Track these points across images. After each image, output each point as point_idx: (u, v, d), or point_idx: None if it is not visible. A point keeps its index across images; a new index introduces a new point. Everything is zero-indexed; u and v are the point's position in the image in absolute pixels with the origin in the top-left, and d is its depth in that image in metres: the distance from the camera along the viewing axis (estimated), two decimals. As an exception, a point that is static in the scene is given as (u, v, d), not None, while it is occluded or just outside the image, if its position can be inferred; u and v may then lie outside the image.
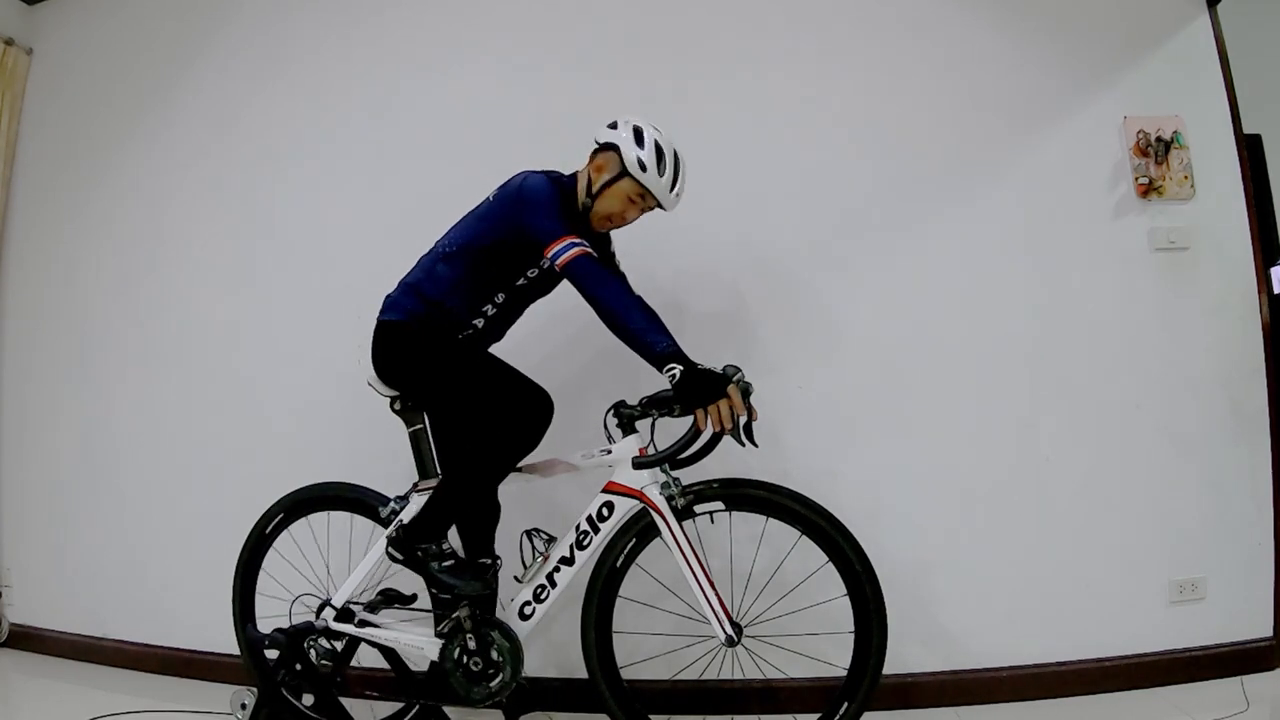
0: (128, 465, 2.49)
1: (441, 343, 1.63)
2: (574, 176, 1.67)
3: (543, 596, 1.61)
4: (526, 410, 1.55)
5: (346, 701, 1.79)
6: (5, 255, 2.76)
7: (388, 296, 1.70)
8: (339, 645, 1.75)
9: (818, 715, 1.59)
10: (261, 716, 1.72)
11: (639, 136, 1.58)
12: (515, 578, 1.66)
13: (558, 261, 1.50)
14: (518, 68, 2.27)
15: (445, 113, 2.30)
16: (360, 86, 2.39)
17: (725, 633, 1.52)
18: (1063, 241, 2.04)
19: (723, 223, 2.11)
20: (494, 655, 1.59)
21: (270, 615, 1.85)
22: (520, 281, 1.68)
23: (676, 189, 1.60)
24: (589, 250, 1.50)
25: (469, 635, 1.59)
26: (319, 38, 2.46)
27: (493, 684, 1.59)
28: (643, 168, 1.56)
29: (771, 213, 2.11)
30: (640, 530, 1.61)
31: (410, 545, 1.61)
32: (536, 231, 1.52)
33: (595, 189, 1.61)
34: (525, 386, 1.59)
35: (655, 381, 1.48)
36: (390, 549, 1.64)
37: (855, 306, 2.06)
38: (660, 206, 1.63)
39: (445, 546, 1.62)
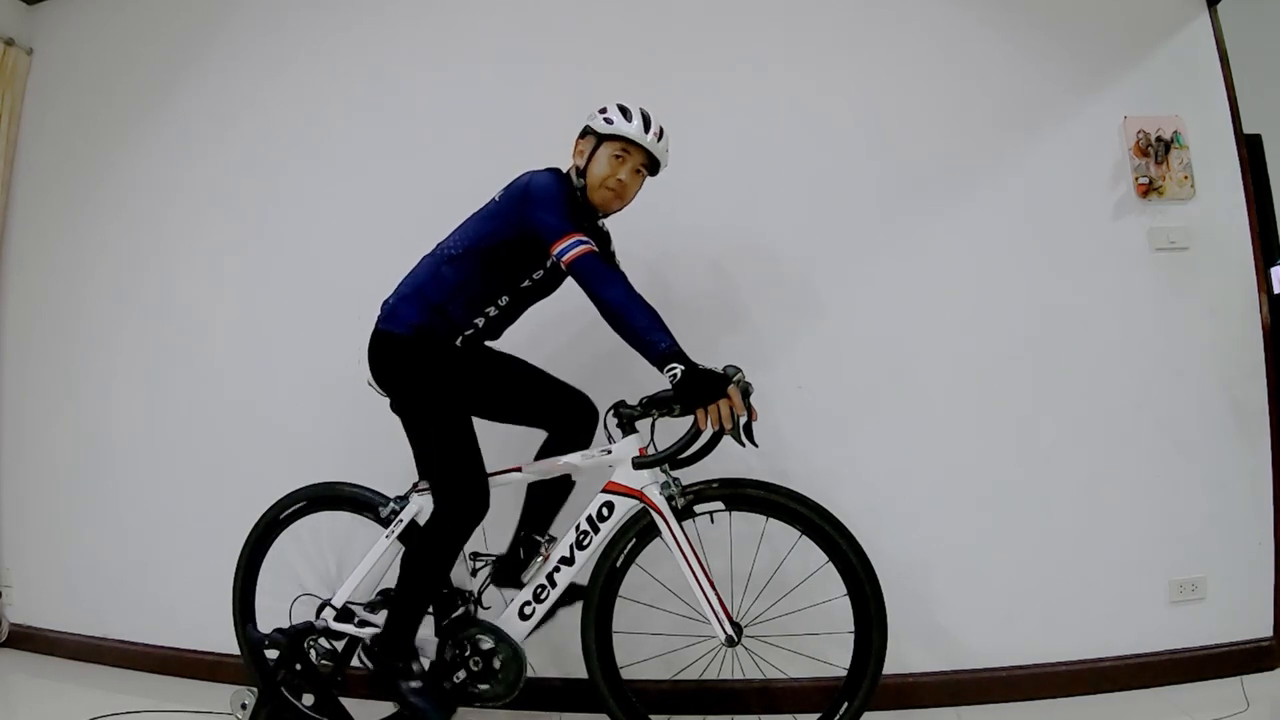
0: (128, 465, 2.48)
1: (438, 366, 1.63)
2: (570, 171, 1.69)
3: (543, 596, 1.61)
4: (466, 502, 1.58)
5: (346, 701, 1.79)
6: (5, 255, 2.75)
7: (386, 302, 1.69)
8: (339, 645, 1.75)
9: (818, 715, 1.59)
10: (261, 716, 1.72)
11: (602, 109, 1.65)
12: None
13: (563, 259, 1.50)
14: (516, 65, 2.28)
15: (445, 111, 2.30)
16: (360, 85, 2.39)
17: (725, 633, 1.52)
18: (1063, 241, 2.04)
19: (722, 220, 2.12)
20: (494, 662, 1.60)
21: (271, 614, 1.85)
22: (525, 283, 1.68)
23: (651, 131, 1.63)
24: (594, 249, 1.51)
25: (458, 644, 1.62)
26: (319, 37, 2.46)
27: (493, 683, 1.59)
28: (609, 122, 1.62)
29: (771, 210, 2.11)
30: (640, 530, 1.61)
31: (385, 659, 1.62)
32: (542, 228, 1.53)
33: (583, 167, 1.65)
34: (475, 479, 1.59)
35: (655, 381, 1.48)
36: (364, 657, 1.68)
37: (856, 306, 2.06)
38: (649, 157, 1.64)
39: (415, 666, 1.62)
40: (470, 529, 1.59)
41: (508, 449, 1.74)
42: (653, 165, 1.67)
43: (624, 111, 1.63)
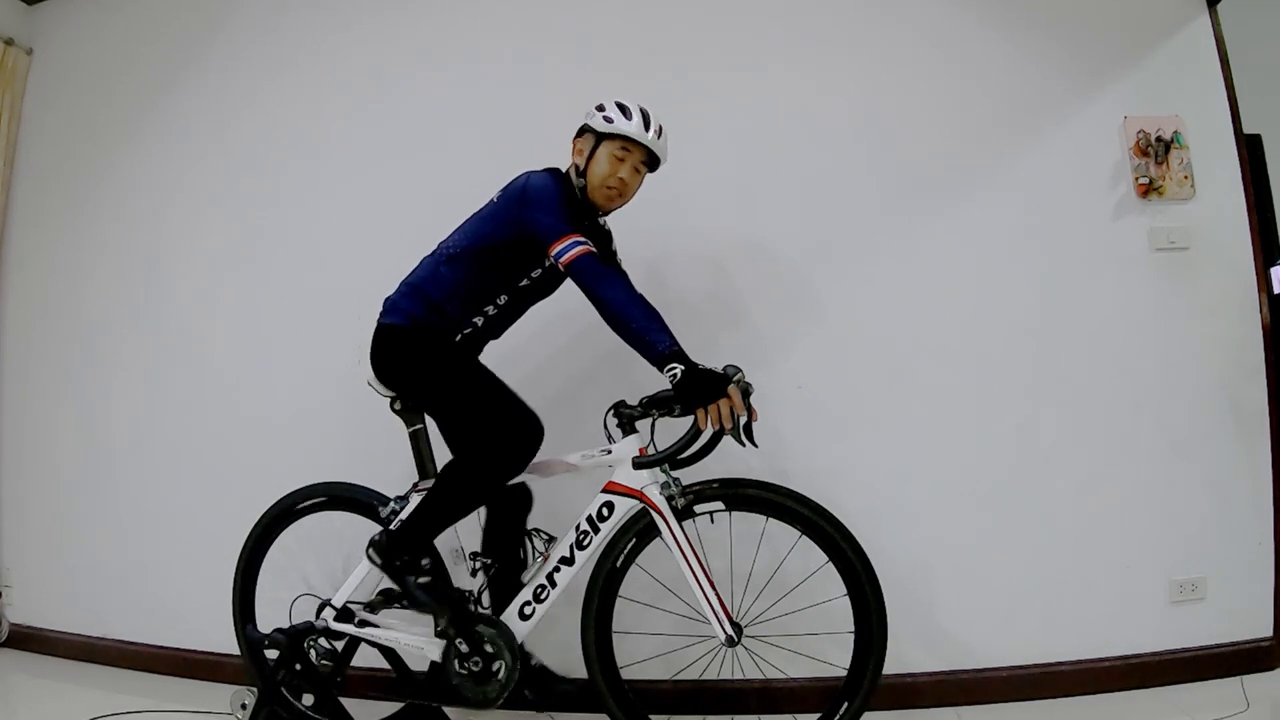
0: (128, 465, 2.48)
1: (439, 351, 1.64)
2: (569, 170, 1.69)
3: (543, 596, 1.61)
4: (517, 433, 1.58)
5: (346, 701, 1.79)
6: (5, 256, 2.75)
7: (388, 299, 1.70)
8: (339, 645, 1.75)
9: (818, 715, 1.59)
10: (261, 716, 1.72)
11: (599, 106, 1.65)
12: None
13: (561, 260, 1.50)
14: (516, 65, 2.28)
15: (446, 110, 2.30)
16: (360, 85, 2.39)
17: (725, 633, 1.52)
18: (1063, 241, 2.04)
19: (722, 219, 2.12)
20: (491, 656, 1.59)
21: (271, 615, 1.85)
22: (523, 283, 1.68)
23: (652, 129, 1.63)
24: (592, 249, 1.51)
25: (458, 640, 1.60)
26: (319, 37, 2.46)
27: (493, 684, 1.59)
28: (609, 121, 1.62)
29: (771, 210, 2.11)
30: (640, 530, 1.61)
31: (391, 553, 1.63)
32: (540, 229, 1.53)
33: (583, 166, 1.65)
34: (519, 410, 1.61)
35: (655, 381, 1.48)
36: (371, 551, 1.66)
37: (855, 306, 2.06)
38: (650, 154, 1.64)
39: (424, 562, 1.64)
40: (523, 459, 1.57)
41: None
42: (652, 162, 1.67)
43: (623, 109, 1.63)
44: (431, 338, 1.64)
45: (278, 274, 2.39)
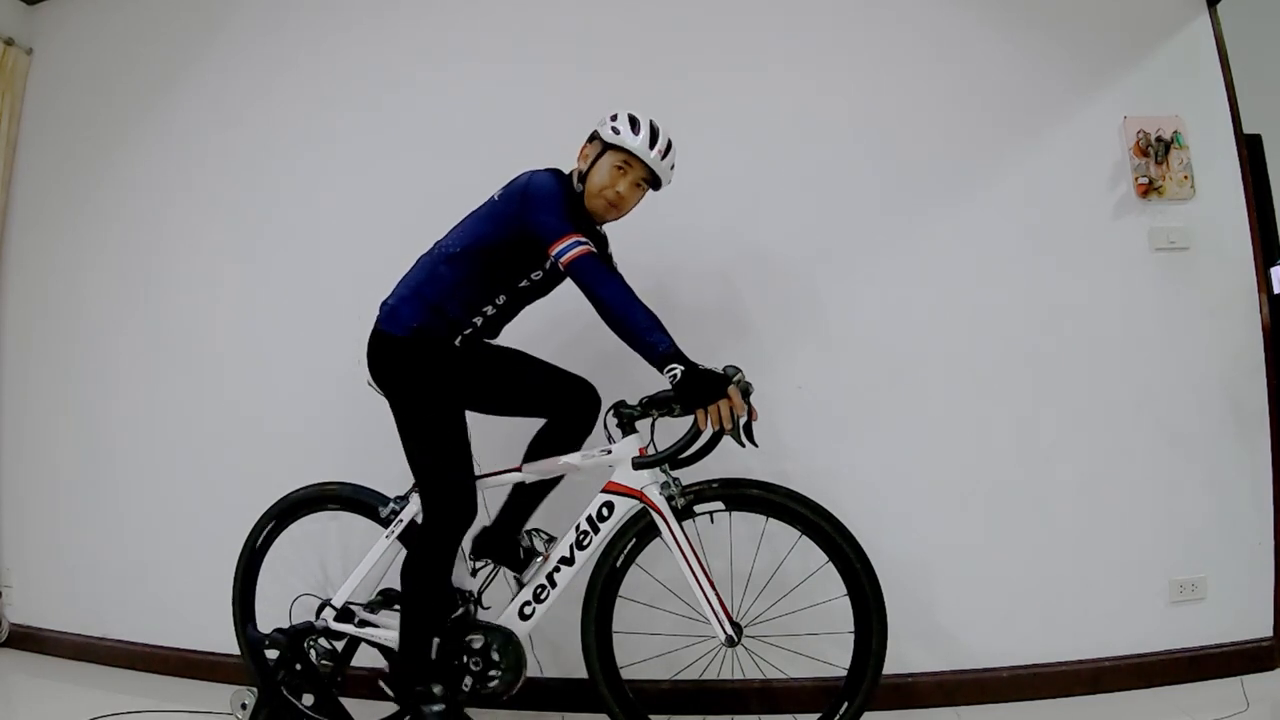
0: (128, 465, 2.48)
1: (431, 372, 1.63)
2: (572, 174, 1.68)
3: (542, 596, 1.62)
4: (452, 505, 1.60)
5: (346, 701, 1.79)
6: (5, 255, 2.75)
7: (385, 302, 1.68)
8: (339, 645, 1.75)
9: (818, 715, 1.59)
10: (261, 716, 1.72)
11: (612, 116, 1.63)
12: (515, 578, 1.66)
13: (561, 260, 1.50)
14: (516, 65, 2.28)
15: (446, 110, 2.30)
16: (361, 85, 2.39)
17: (725, 633, 1.52)
18: (1063, 241, 2.04)
19: (722, 221, 2.12)
20: (494, 656, 1.60)
21: (271, 615, 1.85)
22: (523, 284, 1.68)
23: (657, 147, 1.61)
24: (592, 249, 1.51)
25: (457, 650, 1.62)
26: (319, 37, 2.46)
27: (493, 684, 1.59)
28: (616, 132, 1.60)
29: (771, 211, 2.11)
30: (640, 530, 1.61)
31: (405, 686, 1.61)
32: (541, 229, 1.53)
33: (585, 172, 1.64)
34: (462, 485, 1.61)
35: (655, 381, 1.48)
36: (384, 686, 1.66)
37: (855, 306, 2.06)
38: (651, 173, 1.62)
39: (436, 689, 1.60)
40: (459, 535, 1.60)
41: (509, 449, 1.74)
42: (654, 180, 1.65)
43: (633, 123, 1.61)
44: (430, 351, 1.63)
45: (278, 274, 2.39)
